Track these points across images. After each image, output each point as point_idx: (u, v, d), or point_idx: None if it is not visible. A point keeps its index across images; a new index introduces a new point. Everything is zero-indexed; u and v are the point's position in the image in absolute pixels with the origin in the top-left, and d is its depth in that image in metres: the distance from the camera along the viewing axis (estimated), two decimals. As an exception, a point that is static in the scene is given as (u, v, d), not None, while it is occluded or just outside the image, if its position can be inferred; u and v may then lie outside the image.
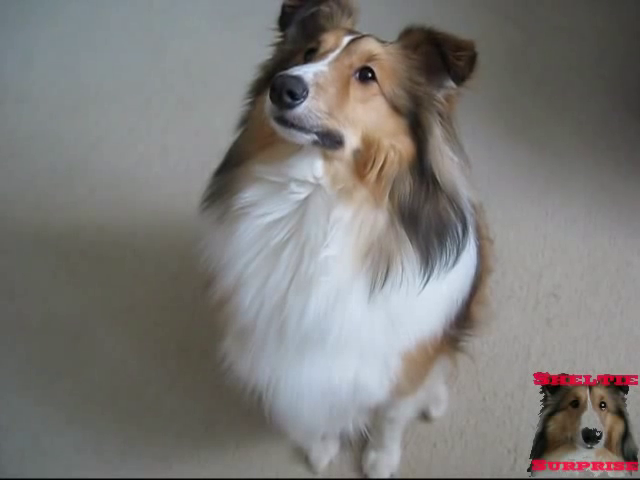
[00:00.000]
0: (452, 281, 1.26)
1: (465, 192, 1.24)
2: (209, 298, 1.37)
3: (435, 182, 1.18)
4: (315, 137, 1.09)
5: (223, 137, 1.35)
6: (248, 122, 1.30)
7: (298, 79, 1.05)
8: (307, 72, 1.08)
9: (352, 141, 1.13)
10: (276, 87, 1.05)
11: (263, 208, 1.19)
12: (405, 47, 1.21)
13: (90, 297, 2.33)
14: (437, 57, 1.16)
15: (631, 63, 3.07)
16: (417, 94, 1.18)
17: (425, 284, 1.19)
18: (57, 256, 2.46)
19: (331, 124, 1.09)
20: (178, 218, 2.33)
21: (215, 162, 1.34)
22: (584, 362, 2.09)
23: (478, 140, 2.68)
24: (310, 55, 1.20)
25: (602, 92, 2.95)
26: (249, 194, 1.20)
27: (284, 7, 1.29)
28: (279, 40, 1.35)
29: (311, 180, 1.15)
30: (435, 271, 1.19)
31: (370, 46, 1.19)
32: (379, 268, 1.17)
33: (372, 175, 1.15)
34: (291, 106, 1.05)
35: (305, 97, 1.05)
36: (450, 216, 1.20)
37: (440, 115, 1.19)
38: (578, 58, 3.12)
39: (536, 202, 2.54)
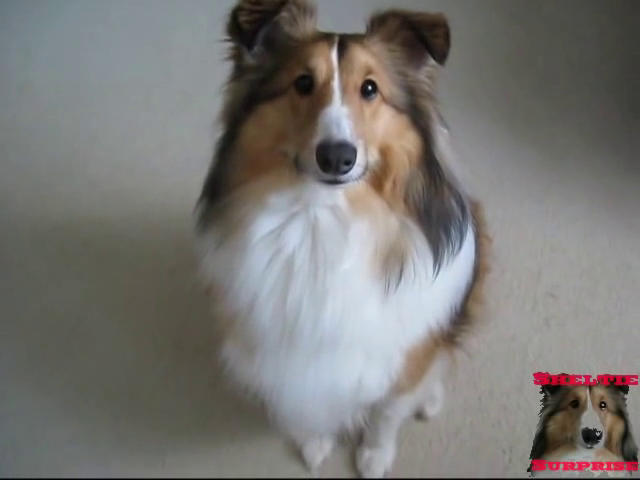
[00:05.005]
0: (456, 267, 1.26)
1: (456, 167, 1.23)
2: (211, 304, 1.38)
3: (440, 170, 1.18)
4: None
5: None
6: (234, 153, 1.20)
7: (346, 144, 1.01)
8: (344, 129, 1.02)
9: (372, 158, 1.12)
10: (331, 161, 1.01)
11: (279, 239, 1.17)
12: (384, 40, 1.18)
13: (87, 290, 2.33)
14: (415, 40, 1.15)
15: (634, 63, 3.05)
16: (409, 85, 1.18)
17: (437, 275, 1.19)
18: (54, 248, 2.46)
19: (366, 156, 1.07)
20: (177, 211, 2.32)
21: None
22: (581, 363, 2.07)
23: (480, 138, 2.68)
24: (304, 83, 1.12)
25: (605, 91, 2.94)
26: (262, 226, 1.17)
27: (242, 25, 1.14)
28: (246, 59, 1.21)
29: (329, 204, 1.15)
30: (445, 260, 1.20)
31: (363, 57, 1.14)
32: (394, 270, 1.17)
33: (389, 184, 1.14)
34: (348, 170, 1.03)
35: (356, 156, 1.03)
36: (451, 203, 1.21)
37: (429, 95, 1.20)
38: (581, 57, 3.11)
39: (537, 201, 2.53)
